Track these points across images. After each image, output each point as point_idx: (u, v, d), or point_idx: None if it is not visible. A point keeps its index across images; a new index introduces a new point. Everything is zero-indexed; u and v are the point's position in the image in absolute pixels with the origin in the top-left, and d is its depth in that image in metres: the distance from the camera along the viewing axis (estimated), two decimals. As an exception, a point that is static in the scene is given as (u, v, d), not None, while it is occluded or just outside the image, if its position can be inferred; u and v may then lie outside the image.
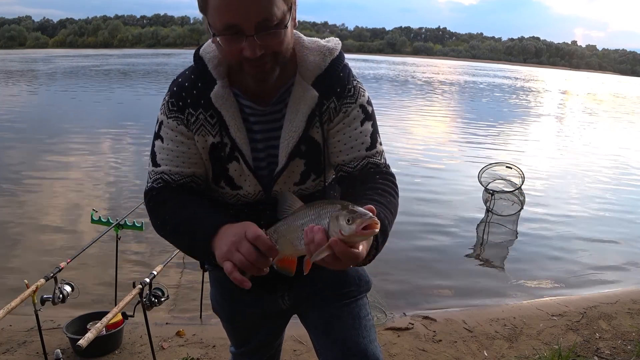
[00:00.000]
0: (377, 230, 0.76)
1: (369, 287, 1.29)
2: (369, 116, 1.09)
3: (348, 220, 0.76)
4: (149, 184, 1.08)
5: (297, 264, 0.91)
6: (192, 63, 1.07)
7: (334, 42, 1.08)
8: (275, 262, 0.90)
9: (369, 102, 1.10)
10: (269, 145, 1.07)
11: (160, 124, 1.07)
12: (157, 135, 1.07)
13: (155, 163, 1.07)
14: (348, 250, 0.77)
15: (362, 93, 1.08)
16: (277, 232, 0.89)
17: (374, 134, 1.09)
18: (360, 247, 0.79)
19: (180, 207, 1.03)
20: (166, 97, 1.07)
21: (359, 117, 1.07)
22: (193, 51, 1.09)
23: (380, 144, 1.10)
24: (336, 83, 1.06)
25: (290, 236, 0.86)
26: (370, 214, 0.77)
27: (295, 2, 0.96)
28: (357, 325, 1.19)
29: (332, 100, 1.05)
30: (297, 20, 1.01)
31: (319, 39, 1.09)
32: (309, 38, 1.08)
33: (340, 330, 1.19)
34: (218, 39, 0.92)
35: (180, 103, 1.04)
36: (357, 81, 1.09)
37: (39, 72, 25.97)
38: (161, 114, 1.07)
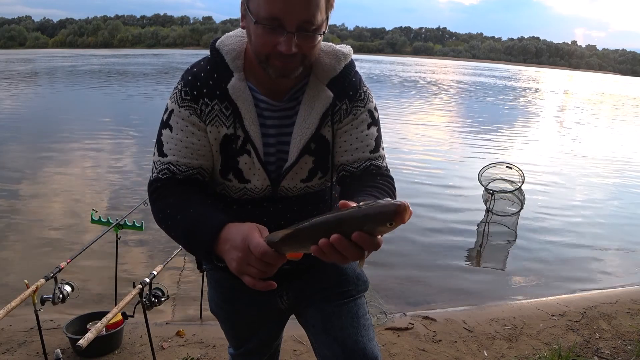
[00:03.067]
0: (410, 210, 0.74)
1: (367, 286, 1.30)
2: (375, 121, 1.13)
3: (390, 224, 0.73)
4: (154, 174, 1.06)
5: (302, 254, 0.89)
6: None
7: (347, 49, 1.12)
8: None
9: (376, 109, 1.14)
10: (280, 140, 1.09)
11: (170, 112, 1.05)
12: (166, 124, 1.06)
13: (162, 153, 1.05)
14: (374, 241, 0.75)
15: (371, 99, 1.13)
16: (288, 237, 0.85)
17: (378, 138, 1.13)
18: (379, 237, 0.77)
19: (184, 204, 1.02)
20: (179, 86, 1.06)
21: (366, 121, 1.11)
22: (191, 51, 1.09)
23: (383, 149, 1.14)
24: (349, 86, 1.09)
25: (301, 242, 0.84)
26: (390, 200, 0.75)
27: (329, 17, 0.99)
28: (355, 324, 1.20)
29: (344, 102, 1.09)
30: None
31: (333, 44, 1.12)
32: (324, 42, 1.09)
33: (339, 328, 1.19)
34: (255, 26, 0.93)
35: (195, 92, 1.03)
36: (367, 87, 1.14)
37: (18, 72, 25.82)
38: (172, 102, 1.06)
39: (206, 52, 1.10)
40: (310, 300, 1.24)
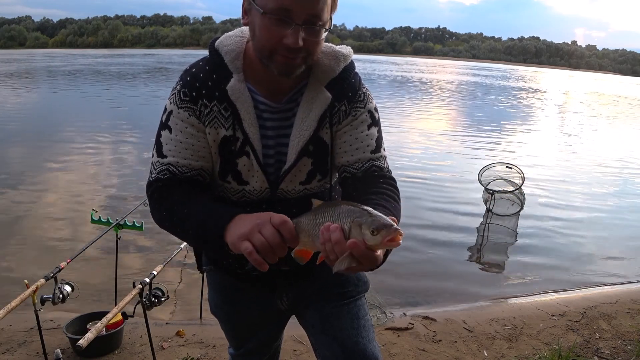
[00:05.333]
0: (401, 242, 0.77)
1: (367, 287, 1.29)
2: (376, 122, 1.12)
3: (373, 232, 0.76)
4: (153, 175, 1.05)
5: (311, 256, 0.92)
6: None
7: (347, 50, 1.11)
8: (293, 251, 0.91)
9: (376, 109, 1.13)
10: (279, 142, 1.08)
11: (169, 113, 1.04)
12: (165, 125, 1.05)
13: (161, 154, 1.04)
14: (368, 254, 0.78)
15: (371, 100, 1.13)
16: (299, 225, 0.89)
17: (379, 139, 1.12)
18: (379, 251, 0.80)
19: (190, 198, 1.02)
20: (177, 87, 1.04)
21: (366, 121, 1.10)
22: (182, 51, 1.08)
23: (384, 150, 1.13)
24: (348, 87, 1.08)
25: (310, 231, 0.86)
26: (395, 225, 0.78)
27: (332, 19, 0.99)
28: (355, 325, 1.19)
29: (343, 103, 1.08)
30: None
31: (333, 45, 1.11)
32: (325, 43, 1.08)
33: (338, 329, 1.19)
34: (262, 19, 0.93)
35: (194, 93, 1.02)
36: (367, 88, 1.13)
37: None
38: (171, 103, 1.04)
39: (206, 52, 1.09)
40: (310, 301, 1.24)
